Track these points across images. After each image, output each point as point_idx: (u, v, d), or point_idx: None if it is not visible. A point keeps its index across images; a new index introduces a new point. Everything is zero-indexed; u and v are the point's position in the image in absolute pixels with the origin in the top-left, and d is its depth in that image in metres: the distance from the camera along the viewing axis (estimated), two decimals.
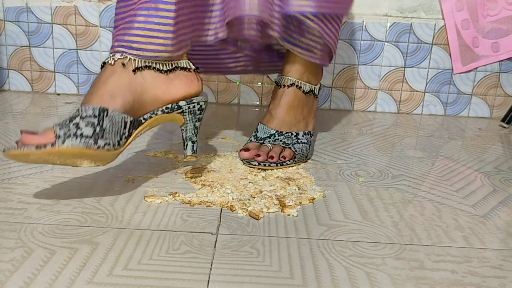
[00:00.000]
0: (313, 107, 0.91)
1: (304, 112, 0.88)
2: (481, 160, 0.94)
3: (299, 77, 0.87)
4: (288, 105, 0.87)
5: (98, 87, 0.65)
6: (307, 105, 0.89)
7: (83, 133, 0.59)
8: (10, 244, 0.55)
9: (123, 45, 0.68)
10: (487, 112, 1.29)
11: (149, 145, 0.91)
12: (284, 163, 0.82)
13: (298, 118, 0.88)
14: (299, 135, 0.86)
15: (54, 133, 0.59)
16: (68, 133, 0.58)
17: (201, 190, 0.72)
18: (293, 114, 0.87)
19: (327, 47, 0.86)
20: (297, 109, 0.87)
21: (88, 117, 0.60)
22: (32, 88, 1.28)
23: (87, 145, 0.59)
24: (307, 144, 0.87)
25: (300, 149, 0.84)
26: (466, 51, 1.23)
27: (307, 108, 0.89)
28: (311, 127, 0.90)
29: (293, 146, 0.84)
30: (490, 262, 0.57)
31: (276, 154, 0.81)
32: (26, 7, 1.22)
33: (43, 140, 0.58)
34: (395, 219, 0.67)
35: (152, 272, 0.52)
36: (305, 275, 0.53)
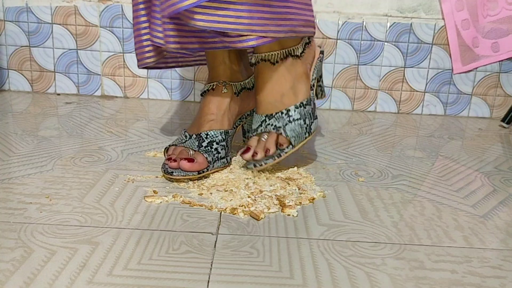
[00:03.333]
0: (298, 71, 0.80)
1: (287, 81, 0.78)
2: (481, 160, 0.94)
3: (268, 49, 0.77)
4: (263, 83, 0.78)
5: (218, 112, 0.81)
6: (289, 72, 0.78)
7: (221, 155, 0.79)
8: (10, 244, 0.55)
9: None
10: (487, 112, 1.29)
11: (149, 145, 0.91)
12: (283, 152, 0.77)
13: (282, 92, 0.78)
14: (290, 111, 0.77)
15: (205, 159, 0.76)
16: (214, 158, 0.78)
17: (200, 192, 0.72)
18: (273, 90, 0.78)
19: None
20: (276, 83, 0.78)
21: (221, 142, 0.79)
22: (32, 88, 1.28)
23: (224, 164, 0.80)
24: (302, 118, 0.78)
25: (292, 130, 0.77)
26: (466, 51, 1.23)
27: (289, 76, 0.78)
28: (302, 95, 0.79)
29: (284, 129, 0.76)
30: (490, 262, 0.57)
31: (272, 145, 0.76)
32: (26, 7, 1.22)
33: (203, 166, 0.75)
34: (395, 219, 0.67)
35: (152, 272, 0.52)
36: (305, 275, 0.53)
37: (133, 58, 1.24)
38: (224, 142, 0.79)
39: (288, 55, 0.78)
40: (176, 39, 0.74)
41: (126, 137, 0.95)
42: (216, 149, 0.78)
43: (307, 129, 0.79)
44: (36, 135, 0.93)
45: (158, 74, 1.25)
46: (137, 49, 0.82)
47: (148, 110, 1.17)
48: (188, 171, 0.73)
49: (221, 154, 0.78)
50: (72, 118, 1.07)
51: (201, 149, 0.76)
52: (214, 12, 0.68)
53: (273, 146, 0.76)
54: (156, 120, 1.09)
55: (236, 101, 0.83)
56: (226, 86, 0.82)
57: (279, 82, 0.78)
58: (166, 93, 1.27)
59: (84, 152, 0.86)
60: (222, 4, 0.68)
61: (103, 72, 1.26)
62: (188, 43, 0.75)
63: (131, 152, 0.87)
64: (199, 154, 0.76)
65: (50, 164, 0.79)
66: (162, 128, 1.03)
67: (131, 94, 1.27)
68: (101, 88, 1.27)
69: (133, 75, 1.26)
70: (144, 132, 0.99)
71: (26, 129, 0.97)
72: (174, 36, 0.74)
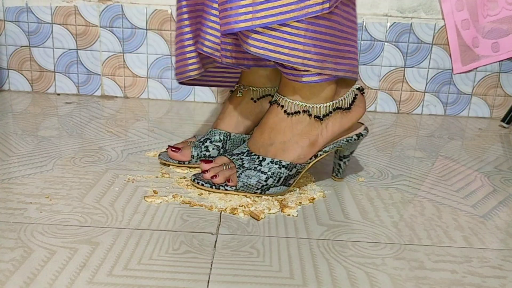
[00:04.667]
0: (307, 133, 0.70)
1: (286, 135, 0.70)
2: (481, 160, 0.94)
3: (288, 94, 0.70)
4: (265, 124, 0.72)
5: (227, 114, 0.82)
6: (295, 128, 0.70)
7: (211, 154, 0.80)
8: (10, 244, 0.55)
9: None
10: (487, 112, 1.29)
11: (149, 145, 0.91)
12: (224, 187, 0.70)
13: (273, 141, 0.70)
14: (263, 162, 0.70)
15: (190, 153, 0.80)
16: (200, 154, 0.80)
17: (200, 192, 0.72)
18: (268, 135, 0.71)
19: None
20: (275, 130, 0.71)
21: (215, 142, 0.80)
22: (32, 88, 1.28)
23: None
24: (267, 175, 0.69)
25: (247, 178, 0.69)
26: (466, 51, 1.23)
27: (292, 132, 0.70)
28: (289, 157, 0.70)
29: (243, 171, 0.70)
30: (490, 262, 0.57)
31: (224, 175, 0.71)
32: (26, 7, 1.22)
33: (183, 158, 0.80)
34: (395, 219, 0.67)
35: (152, 272, 0.52)
36: (305, 275, 0.53)
37: (133, 58, 1.24)
38: (220, 143, 0.80)
39: (304, 112, 0.70)
40: (232, 54, 0.71)
41: (126, 137, 0.95)
42: (207, 146, 0.80)
43: (262, 188, 0.70)
44: (36, 135, 0.93)
45: (158, 74, 1.25)
46: (179, 61, 0.79)
47: (148, 110, 1.17)
48: (171, 158, 0.81)
49: (210, 153, 0.80)
50: (72, 118, 1.07)
51: (195, 142, 0.81)
52: (268, 40, 0.64)
53: (223, 177, 0.70)
54: (156, 120, 1.09)
55: (251, 107, 0.81)
56: (243, 90, 0.81)
57: (277, 131, 0.71)
58: (166, 93, 1.27)
59: (84, 152, 0.86)
60: (277, 33, 0.64)
61: (103, 72, 1.26)
62: (243, 59, 0.73)
63: (131, 152, 0.87)
64: (188, 147, 0.81)
65: (50, 164, 0.79)
66: (162, 128, 1.03)
67: (131, 94, 1.27)
68: (101, 88, 1.27)
69: (133, 75, 1.26)
70: (144, 132, 0.99)
71: (26, 129, 0.97)
72: (230, 50, 0.71)
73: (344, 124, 0.73)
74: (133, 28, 1.22)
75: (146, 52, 1.24)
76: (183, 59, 0.78)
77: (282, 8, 0.63)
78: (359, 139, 0.76)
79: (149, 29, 1.22)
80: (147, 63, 1.25)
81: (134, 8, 1.21)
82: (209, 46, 0.73)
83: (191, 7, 0.76)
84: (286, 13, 0.63)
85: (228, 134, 0.80)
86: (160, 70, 1.25)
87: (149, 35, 1.22)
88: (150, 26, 1.22)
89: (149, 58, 1.24)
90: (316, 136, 0.71)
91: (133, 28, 1.22)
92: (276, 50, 0.65)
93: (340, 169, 0.79)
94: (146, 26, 1.22)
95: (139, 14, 1.21)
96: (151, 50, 1.24)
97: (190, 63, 0.78)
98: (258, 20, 0.63)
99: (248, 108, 0.81)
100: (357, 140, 0.76)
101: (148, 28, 1.22)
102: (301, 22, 0.64)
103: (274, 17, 0.63)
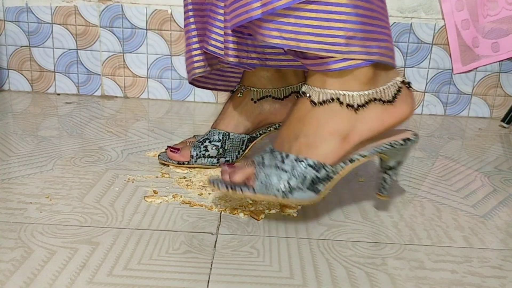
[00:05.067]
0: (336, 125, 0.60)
1: (311, 128, 0.60)
2: (481, 160, 0.94)
3: (316, 82, 0.61)
4: (291, 118, 0.63)
5: (227, 114, 0.81)
6: (323, 119, 0.60)
7: (210, 154, 0.79)
8: (10, 244, 0.55)
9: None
10: (487, 112, 1.29)
11: (149, 145, 0.91)
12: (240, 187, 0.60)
13: (299, 135, 0.61)
14: (286, 159, 0.60)
15: (190, 153, 0.80)
16: (199, 155, 0.79)
17: (200, 192, 0.72)
18: (293, 128, 0.62)
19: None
20: (302, 123, 0.61)
21: (214, 142, 0.80)
22: (32, 88, 1.28)
23: (212, 163, 0.80)
24: (288, 174, 0.59)
25: (267, 176, 0.60)
26: (466, 51, 1.23)
27: (320, 124, 0.60)
28: (316, 155, 0.60)
29: (261, 170, 0.60)
30: (490, 262, 0.57)
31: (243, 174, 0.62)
32: (26, 7, 1.22)
33: (182, 158, 0.80)
34: (395, 219, 0.67)
35: (152, 272, 0.52)
36: (305, 275, 0.53)
37: (133, 58, 1.24)
38: (219, 143, 0.80)
39: (333, 100, 0.60)
40: (235, 52, 0.69)
41: (126, 137, 0.95)
42: (206, 146, 0.80)
43: (282, 190, 0.59)
44: (36, 135, 0.93)
45: (158, 74, 1.25)
46: (187, 59, 0.79)
47: (148, 110, 1.17)
48: (170, 159, 0.81)
49: (210, 153, 0.80)
50: (72, 118, 1.07)
51: (195, 142, 0.81)
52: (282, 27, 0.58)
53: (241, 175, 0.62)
54: (156, 120, 1.09)
55: (253, 108, 0.81)
56: (243, 91, 0.81)
57: (304, 124, 0.61)
58: (166, 93, 1.27)
59: (84, 152, 0.86)
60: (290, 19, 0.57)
61: (103, 72, 1.26)
62: (247, 58, 0.70)
63: (131, 152, 0.87)
64: (187, 147, 0.80)
65: (50, 164, 0.79)
66: (162, 128, 1.03)
67: (131, 94, 1.27)
68: (101, 88, 1.27)
69: (133, 75, 1.26)
70: (144, 132, 0.99)
71: (26, 129, 0.97)
72: (233, 49, 0.69)
73: (385, 121, 0.61)
74: (133, 28, 1.22)
75: (146, 52, 1.24)
76: (190, 56, 0.78)
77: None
78: (406, 144, 0.62)
79: (149, 29, 1.22)
80: (147, 63, 1.25)
81: (134, 8, 1.21)
82: (213, 45, 0.73)
83: (197, 5, 0.76)
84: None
85: (227, 134, 0.80)
86: (160, 70, 1.25)
87: (149, 35, 1.22)
88: (150, 26, 1.22)
89: (149, 58, 1.24)
90: (349, 130, 0.60)
91: (133, 28, 1.22)
92: (292, 38, 0.57)
93: (385, 184, 0.65)
94: (146, 26, 1.22)
95: (139, 14, 1.21)
96: (151, 50, 1.24)
97: (195, 61, 0.78)
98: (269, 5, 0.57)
99: (248, 109, 0.81)
100: (404, 145, 0.62)
101: (148, 28, 1.22)
102: (315, 3, 0.56)
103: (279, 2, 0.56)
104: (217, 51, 0.72)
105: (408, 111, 0.63)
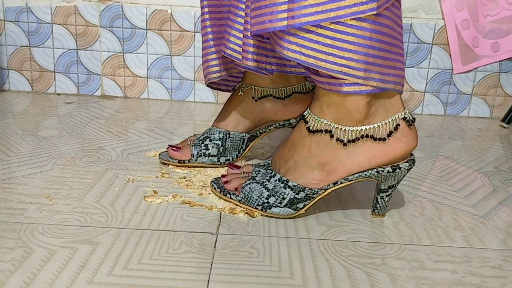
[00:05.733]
0: (325, 158, 0.62)
1: (302, 155, 0.63)
2: (481, 160, 0.94)
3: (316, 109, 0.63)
4: (288, 139, 0.66)
5: (228, 113, 0.82)
6: (313, 149, 0.62)
7: (210, 153, 0.80)
8: (10, 244, 0.55)
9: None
10: (487, 112, 1.29)
11: (149, 145, 0.91)
12: (229, 194, 0.68)
13: (289, 158, 0.65)
14: (273, 177, 0.65)
15: (190, 151, 0.80)
16: (200, 153, 0.79)
17: (200, 192, 0.72)
18: (288, 150, 0.65)
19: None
20: (294, 147, 0.65)
21: (215, 140, 0.80)
22: (32, 88, 1.28)
23: (212, 162, 0.80)
24: (272, 192, 0.64)
25: (249, 191, 0.65)
26: (466, 51, 1.23)
27: (310, 152, 0.63)
28: (298, 178, 0.63)
29: (249, 184, 0.66)
30: (490, 262, 0.57)
31: (235, 183, 0.68)
32: (26, 7, 1.22)
33: (183, 156, 0.80)
34: (395, 219, 0.67)
35: (152, 272, 0.52)
36: (305, 275, 0.53)
37: (133, 58, 1.24)
38: (220, 142, 0.80)
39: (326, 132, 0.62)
40: (254, 56, 0.68)
41: (126, 137, 0.95)
42: (206, 145, 0.80)
43: (263, 204, 0.64)
44: (36, 135, 0.93)
45: (158, 74, 1.25)
46: (204, 62, 0.80)
47: (148, 110, 1.17)
48: (171, 157, 0.81)
49: (210, 151, 0.80)
50: (72, 118, 1.07)
51: (195, 141, 0.81)
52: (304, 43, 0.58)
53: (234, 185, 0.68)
54: (156, 120, 1.09)
55: (254, 106, 0.81)
56: (244, 89, 0.81)
57: (296, 149, 0.64)
58: (166, 93, 1.27)
59: (84, 152, 0.86)
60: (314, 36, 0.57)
61: (103, 72, 1.26)
62: (265, 63, 0.69)
63: (131, 152, 0.87)
64: (188, 146, 0.81)
65: (50, 164, 0.79)
66: (162, 128, 1.03)
67: (131, 94, 1.27)
68: (101, 88, 1.27)
69: (133, 75, 1.26)
70: (144, 132, 0.99)
71: (26, 129, 0.97)
72: (253, 53, 0.67)
73: (376, 158, 0.62)
74: (133, 28, 1.22)
75: (146, 52, 1.24)
76: (206, 60, 0.79)
77: (323, 6, 0.56)
78: (395, 173, 0.62)
79: (149, 29, 1.22)
80: (147, 63, 1.25)
81: (134, 8, 1.21)
82: (231, 48, 0.71)
83: (213, 8, 0.76)
84: (326, 12, 0.56)
85: (228, 132, 0.80)
86: (160, 70, 1.25)
87: (149, 35, 1.22)
88: (150, 26, 1.22)
89: (149, 58, 1.24)
90: (336, 164, 0.62)
91: (133, 28, 1.22)
92: (312, 55, 0.57)
93: (377, 204, 0.66)
94: (146, 26, 1.22)
95: (139, 14, 1.21)
96: (151, 50, 1.24)
97: (211, 65, 0.78)
98: (296, 19, 0.57)
99: (249, 107, 0.81)
100: (392, 173, 0.62)
101: (148, 28, 1.22)
102: (342, 25, 0.56)
103: (313, 16, 0.56)
104: (234, 54, 0.71)
105: (403, 150, 0.62)
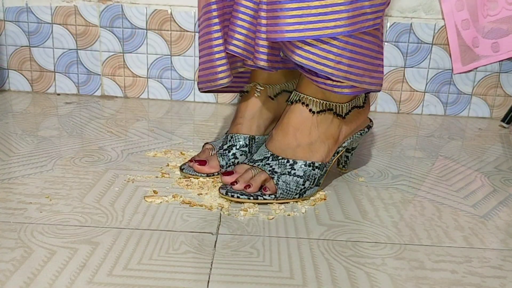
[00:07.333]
0: (330, 131, 0.73)
1: (311, 136, 0.71)
2: (481, 160, 0.94)
3: (311, 93, 0.71)
4: (288, 125, 0.71)
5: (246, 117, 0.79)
6: (318, 127, 0.71)
7: (238, 161, 0.78)
8: (10, 244, 0.55)
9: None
10: (487, 112, 1.29)
11: (149, 145, 0.91)
12: (262, 196, 0.68)
13: (300, 142, 0.71)
14: (295, 165, 0.70)
15: (218, 163, 0.77)
16: (229, 163, 0.77)
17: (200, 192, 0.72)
18: (294, 136, 0.71)
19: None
20: (299, 131, 0.71)
21: (241, 148, 0.78)
22: (32, 88, 1.28)
23: None
24: (303, 178, 0.69)
25: (285, 184, 0.68)
26: (466, 51, 1.23)
27: (316, 131, 0.71)
28: (318, 157, 0.71)
29: (279, 177, 0.69)
30: (490, 262, 0.57)
31: (256, 184, 0.69)
32: (26, 7, 1.22)
33: (212, 170, 0.76)
34: (395, 219, 0.67)
35: (152, 272, 0.52)
36: (305, 275, 0.53)
37: (133, 58, 1.24)
38: (246, 148, 0.78)
39: (329, 110, 0.72)
40: (269, 57, 0.70)
41: (126, 137, 0.95)
42: (234, 154, 0.77)
43: (301, 191, 0.70)
44: (36, 135, 0.93)
45: (158, 74, 1.25)
46: (206, 69, 0.74)
47: (148, 110, 1.17)
48: (199, 172, 0.76)
49: (239, 159, 0.77)
50: (72, 118, 1.07)
51: (219, 151, 0.77)
52: (316, 52, 0.64)
53: (256, 185, 0.69)
54: (156, 120, 1.09)
55: (270, 106, 0.80)
56: (260, 89, 0.79)
57: (303, 131, 0.71)
58: (166, 93, 1.27)
59: (84, 152, 0.86)
60: (326, 46, 0.64)
61: (103, 72, 1.26)
62: (276, 62, 0.71)
63: (131, 152, 0.87)
64: (214, 157, 0.77)
65: (50, 164, 0.79)
66: (162, 128, 1.03)
67: (131, 94, 1.27)
68: (101, 88, 1.27)
69: (133, 75, 1.26)
70: (144, 132, 0.99)
71: (26, 129, 0.97)
72: (268, 54, 0.69)
73: (358, 121, 0.77)
74: (133, 28, 1.22)
75: (146, 52, 1.24)
76: (212, 66, 0.73)
77: (336, 22, 0.63)
78: (369, 130, 0.81)
79: (149, 29, 1.22)
80: (147, 63, 1.25)
81: (134, 8, 1.21)
82: (240, 47, 0.71)
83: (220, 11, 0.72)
84: (338, 27, 0.63)
85: (253, 137, 0.78)
86: (160, 70, 1.25)
87: (149, 35, 1.22)
88: (150, 26, 1.22)
89: (149, 58, 1.24)
90: (338, 134, 0.74)
91: (133, 28, 1.22)
92: (322, 63, 0.65)
93: (348, 161, 0.82)
94: (146, 26, 1.22)
95: (139, 14, 1.21)
96: (151, 50, 1.24)
97: (220, 71, 0.72)
98: (309, 32, 0.63)
99: (268, 107, 0.79)
100: (367, 131, 0.81)
101: (148, 28, 1.22)
102: (350, 37, 0.65)
103: (326, 30, 0.63)
104: (243, 52, 0.70)
105: (369, 109, 0.80)
